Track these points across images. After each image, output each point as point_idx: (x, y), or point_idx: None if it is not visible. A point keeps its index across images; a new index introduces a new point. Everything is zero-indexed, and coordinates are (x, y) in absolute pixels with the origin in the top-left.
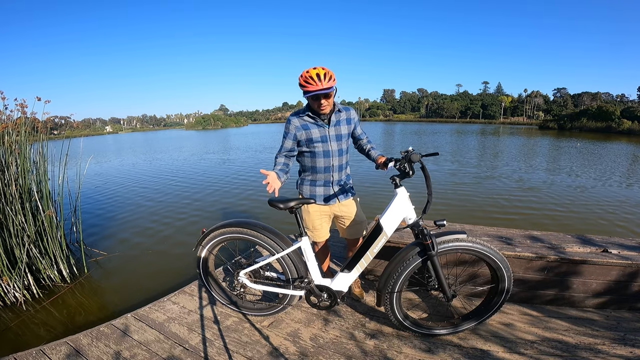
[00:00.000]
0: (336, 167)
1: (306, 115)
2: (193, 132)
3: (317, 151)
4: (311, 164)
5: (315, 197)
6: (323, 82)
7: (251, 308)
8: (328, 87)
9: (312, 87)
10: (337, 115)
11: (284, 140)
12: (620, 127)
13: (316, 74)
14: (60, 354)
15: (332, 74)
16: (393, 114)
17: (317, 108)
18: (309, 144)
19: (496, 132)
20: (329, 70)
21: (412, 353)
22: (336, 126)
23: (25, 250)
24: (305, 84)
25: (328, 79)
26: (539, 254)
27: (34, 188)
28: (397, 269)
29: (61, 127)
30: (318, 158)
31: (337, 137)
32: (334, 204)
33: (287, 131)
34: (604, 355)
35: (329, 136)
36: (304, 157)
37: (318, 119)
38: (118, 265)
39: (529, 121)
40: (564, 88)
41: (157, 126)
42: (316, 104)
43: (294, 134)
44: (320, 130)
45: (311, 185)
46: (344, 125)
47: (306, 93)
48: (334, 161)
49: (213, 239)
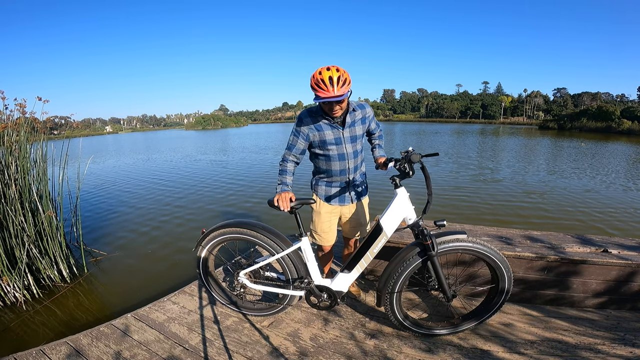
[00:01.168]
0: (352, 169)
1: (320, 115)
2: (193, 132)
3: (331, 154)
4: (326, 167)
5: (330, 198)
6: (335, 89)
7: (251, 308)
8: (340, 94)
9: (323, 94)
10: (352, 116)
11: (295, 138)
12: (620, 127)
13: (328, 78)
14: (60, 354)
15: (348, 76)
16: (393, 114)
17: (328, 111)
18: (322, 147)
19: (496, 132)
20: (344, 73)
21: (412, 353)
22: (351, 127)
23: (25, 251)
24: (316, 87)
25: (342, 84)
26: (539, 254)
27: (33, 188)
28: (397, 269)
29: (61, 127)
30: (333, 161)
31: (352, 139)
32: (348, 205)
33: (298, 129)
34: (604, 355)
35: (344, 138)
36: (318, 160)
37: (332, 120)
38: (118, 265)
39: (529, 121)
40: (564, 88)
41: (157, 126)
42: (327, 108)
43: (307, 134)
44: (335, 132)
45: (327, 186)
46: (359, 125)
47: (316, 98)
48: (350, 164)
49: (213, 239)
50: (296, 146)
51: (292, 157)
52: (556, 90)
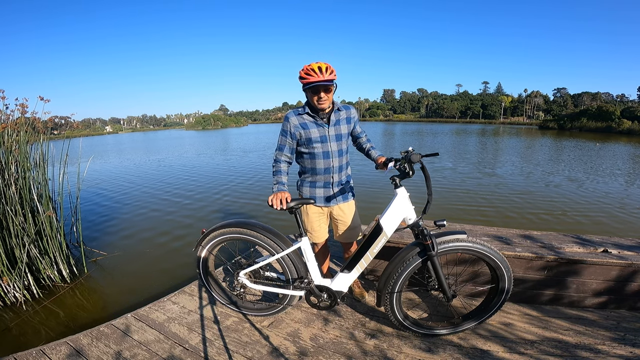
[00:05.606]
0: (336, 168)
1: (305, 114)
2: (193, 132)
3: (316, 152)
4: (310, 165)
5: (315, 198)
6: (324, 74)
7: (251, 308)
8: (329, 79)
9: (313, 78)
10: (337, 115)
11: (284, 138)
12: (620, 127)
13: (318, 67)
14: (60, 354)
15: (334, 69)
16: (393, 114)
17: (316, 102)
18: (307, 145)
19: (496, 132)
20: (330, 65)
21: (412, 353)
22: (336, 125)
23: (25, 251)
24: (305, 75)
25: (329, 72)
26: (538, 254)
27: (34, 188)
28: (397, 269)
29: (61, 127)
30: (317, 159)
31: (337, 137)
32: (334, 205)
33: (285, 129)
34: (604, 355)
35: (329, 136)
36: (303, 159)
37: (317, 118)
38: (118, 265)
39: (529, 121)
40: (564, 88)
41: (157, 126)
42: (315, 97)
43: (294, 132)
44: (320, 130)
45: (311, 187)
46: (344, 124)
47: (306, 85)
48: (334, 162)
49: (213, 239)
50: (286, 146)
51: (284, 157)
52: (556, 90)
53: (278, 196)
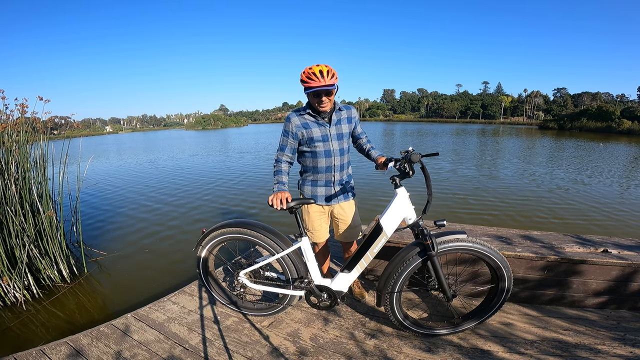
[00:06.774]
0: (338, 167)
1: (307, 114)
2: (193, 132)
3: (318, 151)
4: (312, 164)
5: (316, 197)
6: (325, 79)
7: (251, 308)
8: (330, 84)
9: (314, 83)
10: (338, 114)
11: (285, 139)
12: (620, 127)
13: (319, 71)
14: (60, 354)
15: (335, 72)
16: (393, 114)
17: (317, 105)
18: (309, 144)
19: (496, 132)
20: (331, 68)
21: (412, 353)
22: (337, 125)
23: (25, 251)
24: (307, 79)
25: (330, 76)
26: (538, 254)
27: (34, 188)
28: (397, 269)
29: (61, 127)
30: (319, 158)
31: (339, 136)
32: (335, 204)
33: (286, 129)
34: (604, 355)
35: (330, 135)
36: (305, 158)
37: (319, 118)
38: (118, 265)
39: (529, 121)
40: (564, 88)
41: (157, 126)
42: (317, 101)
43: (295, 132)
44: (322, 129)
45: (312, 186)
46: (345, 124)
47: (307, 89)
48: (336, 161)
49: (213, 239)
50: (287, 146)
51: (285, 157)
52: (556, 90)
53: (278, 196)
